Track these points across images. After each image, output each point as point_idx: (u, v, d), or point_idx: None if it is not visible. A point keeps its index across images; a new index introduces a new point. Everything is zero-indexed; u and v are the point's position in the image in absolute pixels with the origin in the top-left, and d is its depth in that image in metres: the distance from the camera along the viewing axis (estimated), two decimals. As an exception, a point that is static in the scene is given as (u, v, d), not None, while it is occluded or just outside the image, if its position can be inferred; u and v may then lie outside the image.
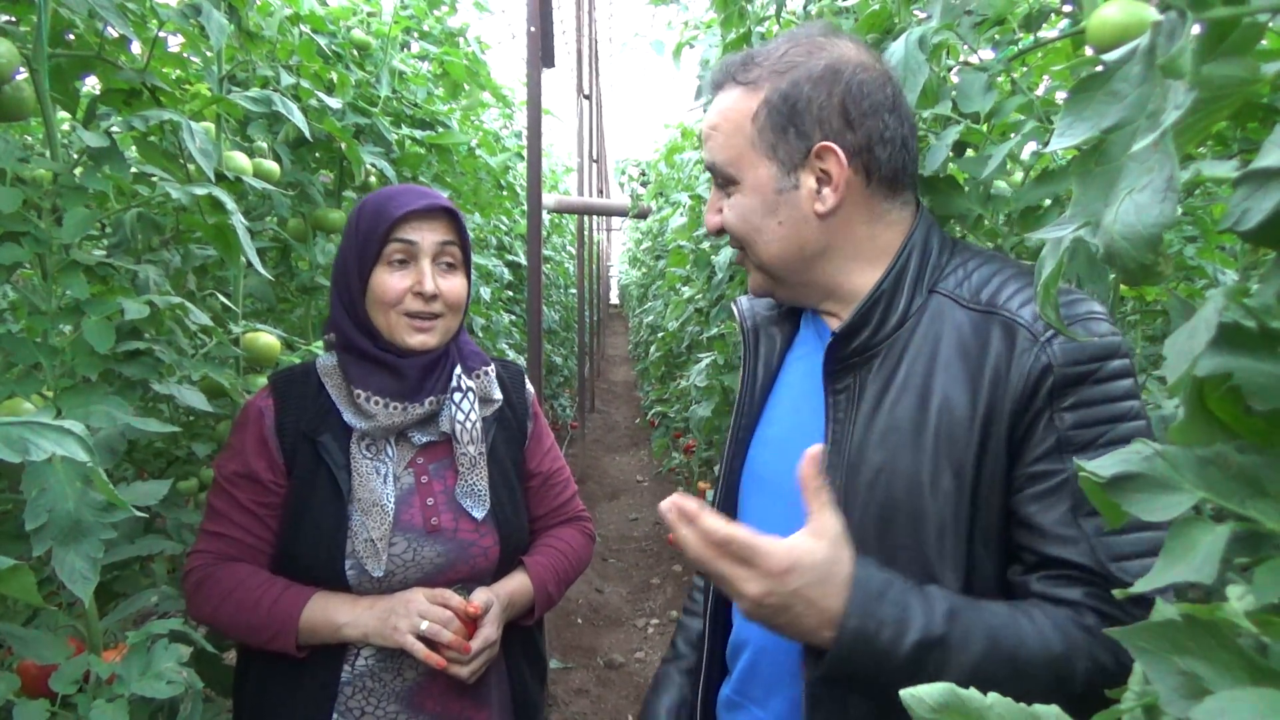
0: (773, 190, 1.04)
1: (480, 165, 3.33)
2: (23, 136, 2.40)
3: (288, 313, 2.36)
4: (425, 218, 1.39)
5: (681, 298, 4.00)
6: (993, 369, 0.94)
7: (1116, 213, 0.45)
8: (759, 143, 1.04)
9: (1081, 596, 0.89)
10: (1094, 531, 0.89)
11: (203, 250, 1.78)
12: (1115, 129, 0.48)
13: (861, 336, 1.02)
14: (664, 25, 5.72)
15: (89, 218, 1.25)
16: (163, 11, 1.51)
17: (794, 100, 1.02)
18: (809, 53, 1.04)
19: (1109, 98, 0.49)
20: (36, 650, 1.18)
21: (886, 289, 1.02)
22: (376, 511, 1.35)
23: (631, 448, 9.14)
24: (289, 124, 1.78)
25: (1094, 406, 0.91)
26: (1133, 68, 0.49)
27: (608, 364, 16.04)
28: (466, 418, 1.43)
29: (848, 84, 1.01)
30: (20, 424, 0.78)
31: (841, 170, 1.01)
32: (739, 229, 1.08)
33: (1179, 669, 0.47)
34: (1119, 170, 0.47)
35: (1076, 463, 0.59)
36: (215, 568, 1.38)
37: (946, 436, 0.95)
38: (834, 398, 1.04)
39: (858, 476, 0.99)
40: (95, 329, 1.24)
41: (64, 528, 1.07)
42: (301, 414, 1.40)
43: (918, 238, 1.05)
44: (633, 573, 5.46)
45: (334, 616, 1.33)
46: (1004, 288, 0.99)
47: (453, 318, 1.43)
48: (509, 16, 5.64)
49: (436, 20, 2.83)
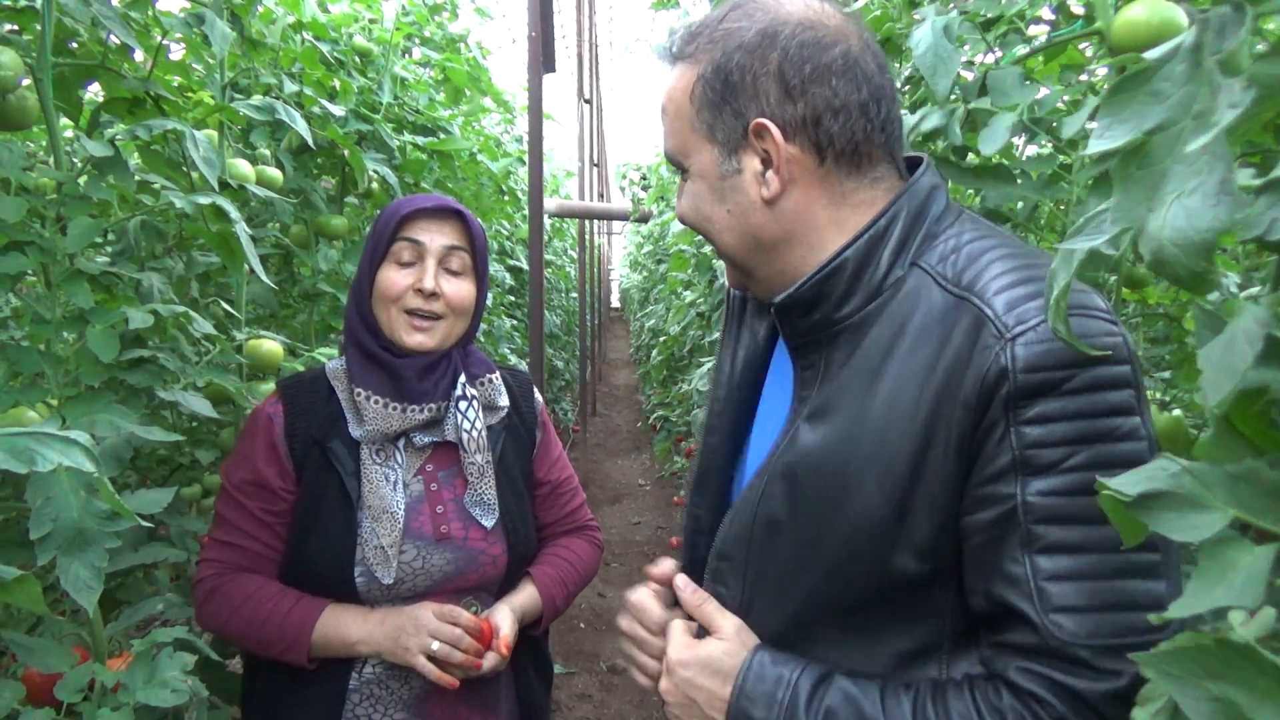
0: (716, 176, 0.93)
1: (482, 171, 3.33)
2: (23, 145, 2.40)
3: (289, 319, 2.36)
4: (434, 218, 1.39)
5: (683, 302, 4.01)
6: (949, 365, 0.81)
7: (1165, 218, 0.43)
8: (698, 124, 0.92)
9: (1020, 677, 0.78)
10: (1042, 574, 0.77)
11: (205, 257, 1.78)
12: (1158, 130, 0.46)
13: (822, 309, 0.90)
14: (664, 30, 5.72)
15: (94, 227, 1.25)
16: (165, 20, 1.51)
17: (726, 72, 0.89)
18: (747, 15, 0.90)
19: (1151, 98, 0.46)
20: (41, 658, 1.19)
21: (854, 255, 0.88)
22: (387, 518, 1.35)
23: (633, 451, 9.13)
24: (292, 131, 1.78)
25: (1062, 422, 0.76)
26: (1176, 66, 0.46)
27: (609, 367, 16.03)
28: (473, 426, 1.43)
29: (784, 48, 0.87)
30: (26, 434, 0.78)
31: (779, 149, 0.88)
32: (692, 219, 0.98)
33: (1212, 695, 0.45)
34: (1164, 173, 0.45)
35: (1098, 480, 0.54)
36: (225, 578, 1.37)
37: (880, 431, 0.84)
38: (801, 374, 0.94)
39: (786, 458, 0.91)
40: (100, 338, 1.25)
41: (68, 537, 1.07)
42: (311, 420, 1.40)
43: (912, 199, 0.90)
44: (635, 577, 5.44)
45: (346, 633, 1.33)
46: (989, 268, 0.84)
47: (455, 321, 1.42)
48: (509, 21, 5.65)
49: (438, 26, 2.83)
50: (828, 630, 0.91)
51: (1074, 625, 0.75)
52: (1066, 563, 0.76)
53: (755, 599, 0.95)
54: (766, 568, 0.94)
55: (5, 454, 0.76)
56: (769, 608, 0.94)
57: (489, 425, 1.48)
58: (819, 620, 0.91)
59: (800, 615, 0.92)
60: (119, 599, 1.58)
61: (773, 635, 0.93)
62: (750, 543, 0.94)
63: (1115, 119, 0.49)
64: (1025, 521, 0.77)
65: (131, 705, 1.17)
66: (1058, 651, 0.76)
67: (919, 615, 0.87)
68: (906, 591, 0.86)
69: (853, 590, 0.88)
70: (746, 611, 0.95)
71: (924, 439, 0.82)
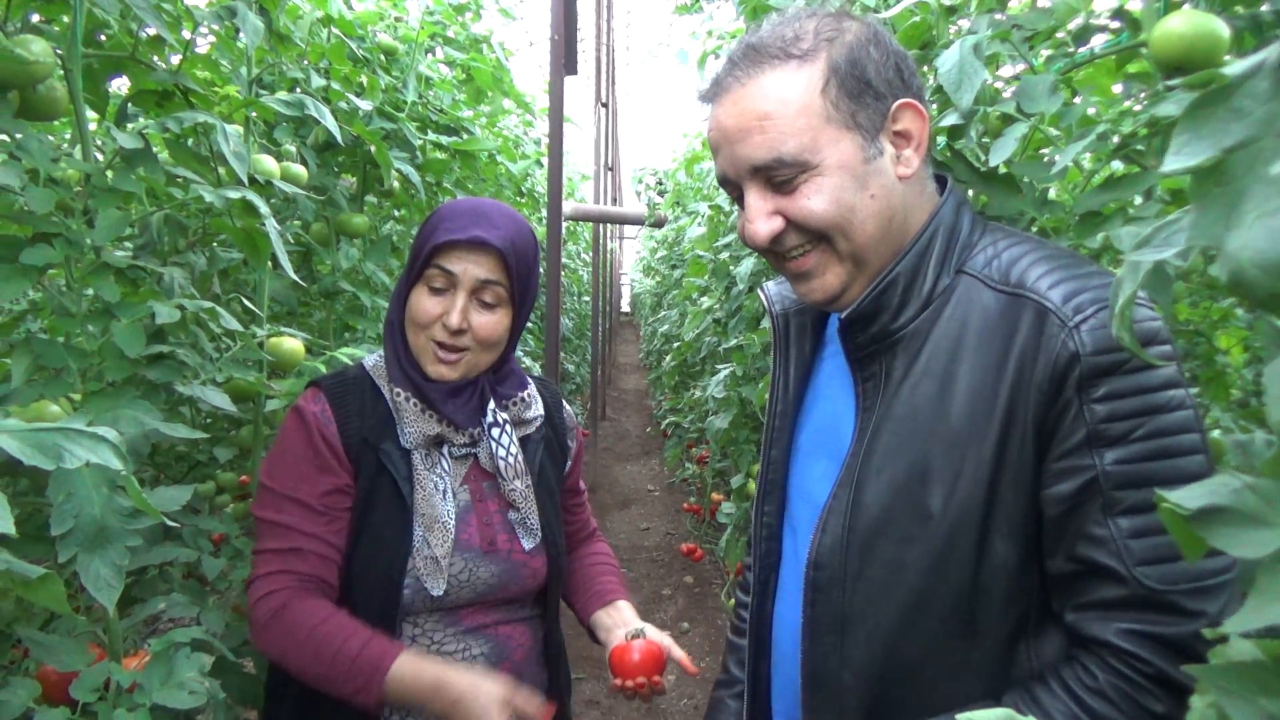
0: (860, 161, 0.95)
1: (501, 172, 3.32)
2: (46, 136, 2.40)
3: (308, 316, 2.35)
4: (469, 250, 1.31)
5: (699, 308, 3.98)
6: (1019, 355, 0.90)
7: (1245, 238, 0.43)
8: (835, 115, 0.94)
9: (1114, 636, 0.85)
10: (1124, 533, 0.85)
11: (227, 253, 1.77)
12: (1238, 148, 0.45)
13: (880, 321, 0.98)
14: (685, 34, 5.71)
15: (121, 220, 1.24)
16: (196, 13, 1.50)
17: (862, 63, 0.95)
18: (838, 20, 0.98)
19: (1231, 115, 0.46)
20: (57, 656, 1.17)
21: (904, 270, 0.97)
22: (439, 528, 1.32)
23: (643, 456, 9.11)
24: (317, 127, 1.77)
25: (1128, 398, 0.85)
26: (1259, 83, 0.46)
27: (619, 372, 16.03)
28: (508, 452, 1.40)
29: (888, 43, 0.98)
30: (54, 430, 0.76)
31: (924, 124, 0.97)
32: (831, 215, 0.95)
33: (1266, 712, 0.46)
34: (1243, 192, 0.44)
35: (1157, 494, 0.56)
36: (293, 600, 1.27)
37: (964, 425, 0.92)
38: (863, 385, 1.01)
39: (870, 463, 0.97)
40: (126, 332, 1.23)
41: (90, 534, 1.06)
42: (364, 421, 1.35)
43: (945, 215, 1.00)
44: (644, 583, 5.42)
45: (417, 689, 1.22)
46: (1034, 268, 0.93)
47: (482, 353, 1.37)
48: (527, 24, 5.66)
49: (461, 26, 2.82)
50: (928, 624, 0.95)
51: (1159, 574, 0.83)
52: (1145, 521, 0.84)
53: (857, 603, 0.98)
54: (866, 571, 0.97)
55: (33, 450, 0.74)
56: (871, 611, 0.97)
57: (526, 436, 1.46)
58: (921, 617, 0.95)
59: (903, 614, 0.96)
60: (134, 597, 1.56)
61: (877, 635, 0.97)
62: (847, 551, 0.98)
63: (1194, 135, 0.48)
64: (1106, 488, 0.85)
65: (148, 706, 1.15)
66: (1146, 600, 0.84)
67: (1010, 600, 0.93)
68: (1000, 577, 0.92)
69: (951, 583, 0.93)
70: (848, 617, 0.99)
71: (1005, 425, 0.90)
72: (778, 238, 0.99)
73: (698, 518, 5.57)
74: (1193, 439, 0.86)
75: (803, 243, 0.99)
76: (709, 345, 4.12)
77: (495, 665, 1.38)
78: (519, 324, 1.41)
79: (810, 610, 1.01)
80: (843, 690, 0.99)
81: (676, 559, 5.70)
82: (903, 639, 0.96)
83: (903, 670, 0.96)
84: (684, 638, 4.62)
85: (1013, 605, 0.93)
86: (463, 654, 1.36)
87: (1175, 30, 0.94)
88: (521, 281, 1.37)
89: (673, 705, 3.94)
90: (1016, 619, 0.93)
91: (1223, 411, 1.62)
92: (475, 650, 1.37)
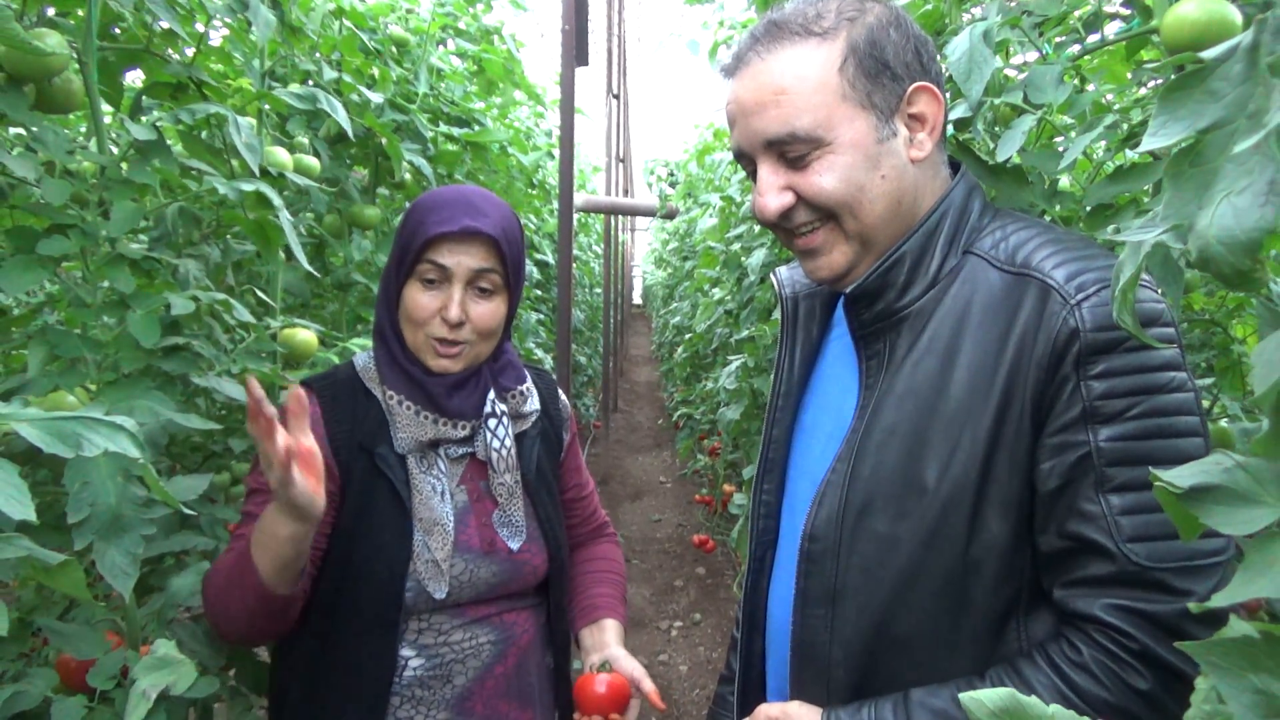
0: (874, 141, 0.96)
1: (513, 164, 3.32)
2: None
3: (321, 309, 2.36)
4: (461, 240, 1.30)
5: (711, 299, 3.98)
6: (1020, 332, 0.91)
7: (1212, 216, 0.44)
8: (851, 93, 0.95)
9: (1100, 611, 0.86)
10: (1115, 510, 0.85)
11: (240, 245, 1.77)
12: (1212, 129, 0.47)
13: (886, 298, 1.00)
14: (696, 23, 5.69)
15: (136, 211, 1.25)
16: (209, 6, 1.50)
17: (881, 44, 0.96)
18: (861, 1, 0.99)
19: (1206, 97, 0.47)
20: (75, 644, 1.18)
21: (911, 248, 0.99)
22: (438, 531, 1.31)
23: (654, 448, 9.12)
24: (329, 120, 1.78)
25: (1125, 376, 0.86)
26: (1233, 66, 0.47)
27: (631, 364, 16.03)
28: (502, 444, 1.39)
29: (909, 26, 0.99)
30: (73, 419, 0.77)
31: (939, 107, 0.98)
32: (841, 193, 0.97)
33: (1255, 687, 0.47)
34: (1215, 172, 0.45)
35: (1151, 472, 0.57)
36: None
37: (964, 401, 0.93)
38: (866, 363, 1.02)
39: (870, 438, 0.98)
40: (141, 323, 1.24)
41: (106, 522, 1.07)
42: (356, 425, 1.34)
43: (956, 197, 1.01)
44: (656, 575, 5.44)
45: (271, 526, 1.15)
46: (1041, 249, 0.94)
47: (482, 344, 1.36)
48: (537, 15, 5.65)
49: (473, 18, 2.83)
50: (919, 600, 0.95)
51: (1148, 551, 0.84)
52: (1136, 499, 0.85)
53: (850, 576, 0.99)
54: (860, 545, 0.98)
55: (52, 438, 0.75)
56: (864, 583, 0.98)
57: (523, 432, 1.45)
58: (911, 593, 0.96)
59: (894, 589, 0.96)
60: (150, 585, 1.58)
61: (867, 609, 0.98)
62: (842, 524, 0.99)
63: (1171, 116, 0.50)
64: (1099, 464, 0.86)
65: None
66: (1135, 577, 0.84)
67: (1002, 579, 0.93)
68: (992, 555, 0.93)
69: (943, 558, 0.93)
70: (839, 590, 0.99)
71: (1003, 400, 0.91)
72: (787, 213, 1.00)
73: (710, 509, 5.57)
74: (1190, 421, 0.86)
75: (812, 219, 1.00)
76: (720, 337, 4.12)
77: (502, 651, 1.39)
78: (513, 309, 1.41)
79: (803, 582, 1.02)
80: (831, 664, 1.00)
81: (688, 550, 5.72)
82: (893, 614, 0.96)
83: (892, 646, 0.97)
84: (696, 629, 4.63)
85: (1004, 584, 0.93)
86: (469, 642, 1.37)
87: (1188, 16, 0.94)
88: (514, 266, 1.37)
89: (685, 695, 3.95)
90: (1008, 599, 0.94)
91: (1233, 400, 1.60)
92: (482, 638, 1.38)
